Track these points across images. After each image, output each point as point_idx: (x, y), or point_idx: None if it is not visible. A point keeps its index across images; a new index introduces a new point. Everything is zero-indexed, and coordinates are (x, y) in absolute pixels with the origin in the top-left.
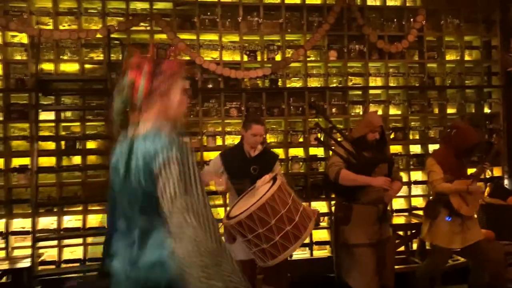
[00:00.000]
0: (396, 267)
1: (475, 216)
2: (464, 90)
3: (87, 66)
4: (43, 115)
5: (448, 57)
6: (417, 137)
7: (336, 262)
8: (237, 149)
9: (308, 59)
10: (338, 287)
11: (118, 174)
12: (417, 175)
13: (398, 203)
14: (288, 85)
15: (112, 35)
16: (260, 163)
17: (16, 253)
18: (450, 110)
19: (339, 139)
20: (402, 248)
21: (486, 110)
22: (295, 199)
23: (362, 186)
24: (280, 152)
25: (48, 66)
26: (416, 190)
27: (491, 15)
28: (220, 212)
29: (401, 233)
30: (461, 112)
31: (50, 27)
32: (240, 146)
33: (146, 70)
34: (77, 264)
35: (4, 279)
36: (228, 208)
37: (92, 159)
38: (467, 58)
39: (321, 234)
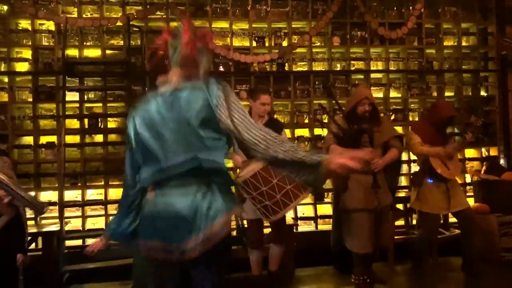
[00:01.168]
0: (396, 237)
1: (459, 186)
2: (461, 74)
3: (108, 51)
4: (68, 96)
5: (446, 43)
6: (416, 118)
7: (333, 228)
8: None
9: (313, 44)
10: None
11: (165, 122)
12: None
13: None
14: (294, 69)
15: (131, 23)
16: None
17: (44, 222)
18: (448, 93)
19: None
20: (402, 222)
21: (483, 93)
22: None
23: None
24: (287, 132)
25: (72, 51)
26: (416, 168)
27: (487, 3)
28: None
29: (400, 206)
30: (458, 95)
31: (75, 15)
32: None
33: (189, 35)
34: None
35: (35, 244)
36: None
37: (112, 137)
38: (464, 44)
39: (326, 209)
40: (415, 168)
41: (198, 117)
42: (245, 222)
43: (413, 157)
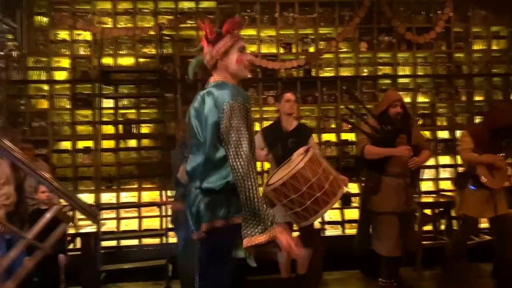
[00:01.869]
0: (424, 242)
1: (503, 192)
2: (491, 78)
3: (141, 59)
4: (103, 103)
5: (475, 47)
6: (444, 123)
7: (359, 230)
8: (275, 125)
9: (340, 50)
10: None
11: (199, 118)
12: (444, 160)
13: (426, 186)
14: (321, 75)
15: (163, 32)
16: (296, 137)
17: (81, 224)
18: (477, 98)
19: (366, 119)
20: (430, 227)
21: None
22: (325, 169)
23: (387, 159)
24: (314, 137)
25: (108, 60)
26: (444, 173)
27: None
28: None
29: (428, 211)
30: (488, 100)
31: (110, 25)
32: (278, 122)
33: (209, 38)
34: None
35: (73, 244)
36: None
37: (145, 142)
38: (494, 47)
39: (353, 213)
40: (443, 173)
41: (211, 135)
42: None
43: (441, 162)
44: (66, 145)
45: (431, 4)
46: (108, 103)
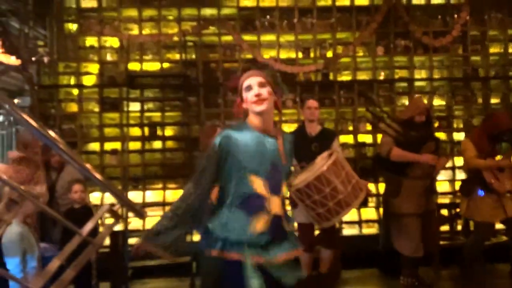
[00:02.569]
0: (441, 242)
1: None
2: (508, 80)
3: (165, 64)
4: (130, 107)
5: (492, 50)
6: (461, 125)
7: (383, 231)
8: (300, 130)
9: (357, 54)
10: (384, 255)
11: None
12: (461, 161)
13: (443, 187)
14: (338, 79)
15: (186, 38)
16: (320, 141)
17: (107, 221)
18: (494, 100)
19: (388, 122)
20: (447, 227)
21: None
22: (348, 173)
23: (410, 162)
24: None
25: (134, 65)
26: (460, 175)
27: None
28: None
29: (445, 212)
30: (505, 102)
31: (136, 32)
32: (302, 127)
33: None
34: None
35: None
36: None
37: (169, 143)
38: (510, 50)
39: (370, 214)
40: (459, 175)
41: None
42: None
43: (457, 163)
44: (95, 146)
45: (448, 8)
46: (134, 106)
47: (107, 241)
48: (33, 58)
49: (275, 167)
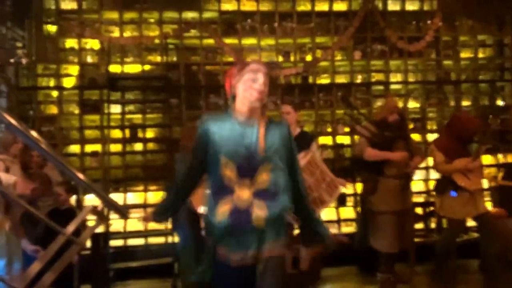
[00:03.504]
0: (416, 240)
1: (482, 192)
2: (478, 84)
3: (147, 67)
4: (111, 109)
5: (463, 55)
6: (434, 127)
7: (359, 229)
8: None
9: (336, 58)
10: (362, 252)
11: None
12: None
13: (417, 186)
14: (317, 82)
15: (168, 40)
16: (298, 143)
17: (89, 224)
18: (465, 103)
19: (364, 124)
20: (421, 225)
21: (499, 102)
22: (323, 171)
23: (385, 162)
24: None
25: (115, 67)
26: (434, 174)
27: (503, 15)
28: None
29: (420, 210)
30: (475, 105)
31: (117, 34)
32: None
33: (229, 74)
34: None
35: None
36: None
37: (150, 145)
38: (480, 55)
39: (348, 213)
40: (433, 174)
41: None
42: None
43: (431, 163)
44: (75, 149)
45: (421, 14)
46: (115, 108)
47: (88, 243)
48: (12, 60)
49: (252, 155)
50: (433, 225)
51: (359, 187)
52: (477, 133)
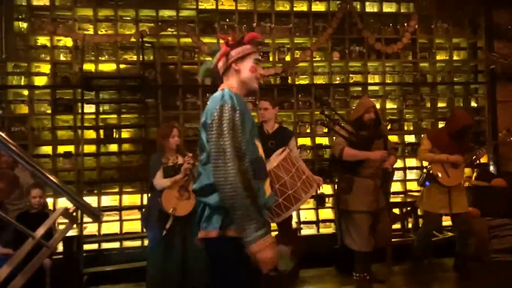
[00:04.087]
0: (393, 240)
1: (463, 191)
2: (453, 86)
3: (122, 65)
4: (85, 108)
5: (439, 57)
6: (411, 128)
7: (339, 226)
8: (258, 128)
9: (314, 59)
10: (341, 253)
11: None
12: (411, 162)
13: (394, 187)
14: (296, 82)
15: (144, 39)
16: (276, 139)
17: (62, 227)
18: (440, 104)
19: (341, 124)
20: (398, 226)
21: (473, 104)
22: (299, 169)
23: (361, 162)
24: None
25: (89, 66)
26: (411, 175)
27: (476, 19)
28: None
29: (397, 211)
30: (451, 106)
31: (91, 32)
32: (260, 125)
33: (230, 43)
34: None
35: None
36: None
37: (126, 146)
38: (455, 58)
39: (327, 214)
40: (410, 175)
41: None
42: None
43: (408, 164)
44: (47, 150)
45: (398, 16)
46: (89, 108)
47: (60, 247)
48: None
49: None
50: (410, 225)
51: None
52: (466, 127)
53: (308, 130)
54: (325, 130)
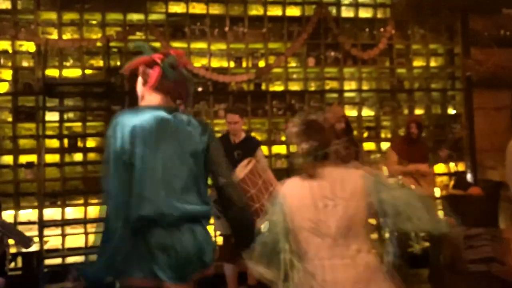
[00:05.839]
0: None
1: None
2: (430, 93)
3: (88, 71)
4: (48, 116)
5: (415, 63)
6: (388, 135)
7: None
8: (224, 137)
9: (289, 65)
10: None
11: (158, 148)
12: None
13: None
14: (270, 89)
15: (111, 44)
16: (243, 149)
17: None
18: (418, 111)
19: None
20: (375, 235)
21: (450, 111)
22: (265, 181)
23: None
24: (264, 149)
25: (52, 72)
26: None
27: (453, 25)
28: None
29: (373, 221)
30: (428, 113)
31: (55, 36)
32: (227, 134)
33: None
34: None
35: (14, 263)
36: None
37: (91, 156)
38: (432, 64)
39: None
40: None
41: (196, 154)
42: (219, 238)
43: (385, 173)
44: (8, 159)
45: (375, 22)
46: (52, 116)
47: (19, 263)
48: None
49: None
50: (386, 235)
51: None
52: (415, 127)
53: (283, 138)
54: None
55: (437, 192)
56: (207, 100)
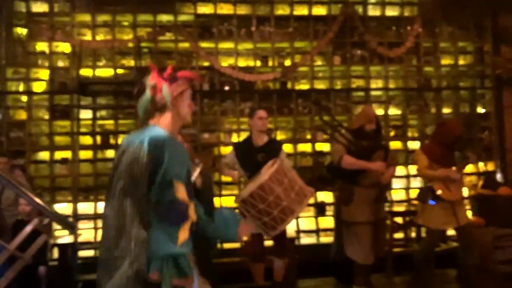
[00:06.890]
0: (395, 249)
1: (463, 202)
2: (458, 91)
3: (119, 71)
4: (82, 114)
5: (443, 61)
6: (415, 134)
7: (335, 237)
8: (247, 140)
9: (315, 63)
10: (340, 263)
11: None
12: (415, 170)
13: (397, 195)
14: (296, 87)
15: (142, 44)
16: (266, 151)
17: (58, 234)
18: (445, 110)
19: (342, 131)
20: (401, 235)
21: (479, 109)
22: (291, 179)
23: (361, 170)
24: (289, 147)
25: (86, 72)
26: (415, 182)
27: (482, 22)
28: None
29: (399, 220)
30: (456, 112)
31: (89, 37)
32: (249, 138)
33: (165, 76)
34: None
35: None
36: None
37: None
38: (461, 62)
39: (327, 222)
40: (414, 183)
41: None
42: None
43: (411, 172)
44: (44, 155)
45: (401, 20)
46: (86, 114)
47: (55, 254)
48: None
49: (189, 173)
50: (413, 235)
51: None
52: (458, 138)
53: (309, 136)
54: (325, 136)
55: (465, 192)
56: (234, 99)
